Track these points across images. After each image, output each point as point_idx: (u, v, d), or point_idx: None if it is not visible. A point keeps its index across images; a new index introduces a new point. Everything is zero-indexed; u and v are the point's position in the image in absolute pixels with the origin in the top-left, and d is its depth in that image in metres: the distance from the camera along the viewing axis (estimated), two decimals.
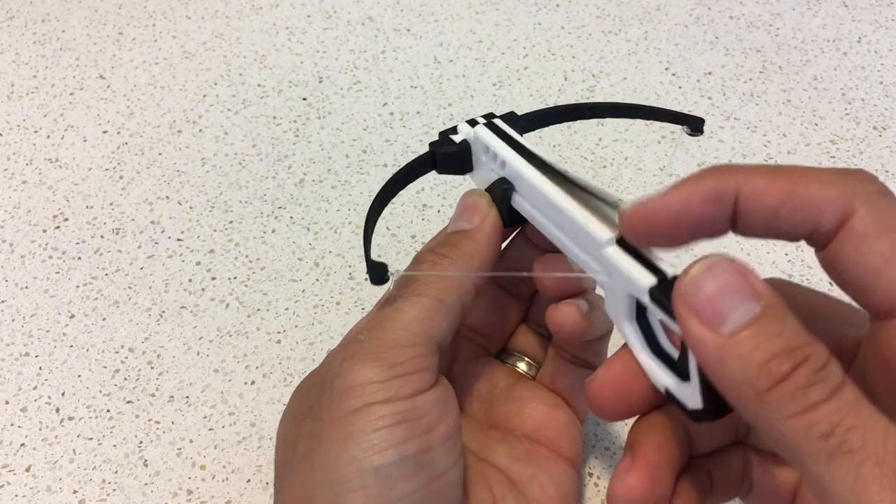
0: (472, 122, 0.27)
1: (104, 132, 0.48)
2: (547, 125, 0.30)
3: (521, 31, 0.55)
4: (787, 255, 0.41)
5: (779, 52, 0.54)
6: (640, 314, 0.23)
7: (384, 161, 0.46)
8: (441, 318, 0.24)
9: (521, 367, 0.30)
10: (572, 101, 0.50)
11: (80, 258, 0.41)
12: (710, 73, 0.52)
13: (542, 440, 0.28)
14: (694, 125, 0.29)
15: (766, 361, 0.17)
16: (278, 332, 0.38)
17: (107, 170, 0.46)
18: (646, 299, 0.21)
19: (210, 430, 0.34)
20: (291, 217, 0.43)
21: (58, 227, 0.43)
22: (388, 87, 0.50)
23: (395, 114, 0.48)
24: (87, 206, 0.44)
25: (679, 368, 0.22)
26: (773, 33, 0.55)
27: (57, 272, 0.40)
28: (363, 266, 0.40)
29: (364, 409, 0.22)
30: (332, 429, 0.22)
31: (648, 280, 0.21)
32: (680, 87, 0.51)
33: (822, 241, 0.20)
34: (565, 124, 0.48)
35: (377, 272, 0.24)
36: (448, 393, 0.24)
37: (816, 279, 0.40)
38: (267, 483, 0.33)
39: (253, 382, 0.36)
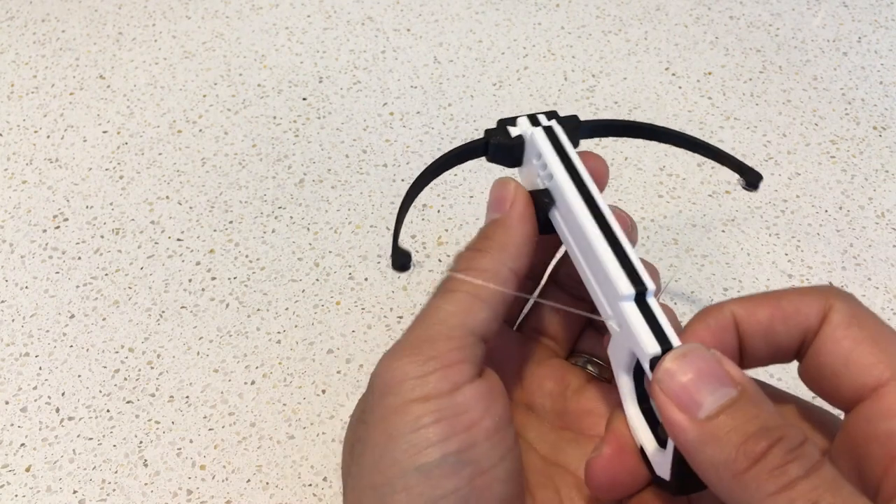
0: (533, 119, 0.27)
1: (104, 132, 0.48)
2: (608, 136, 0.30)
3: (521, 31, 0.55)
4: (786, 255, 0.41)
5: (779, 52, 0.54)
6: (639, 369, 0.23)
7: (384, 161, 0.46)
8: (478, 310, 0.23)
9: (591, 368, 0.29)
10: (573, 103, 0.50)
11: (80, 258, 0.41)
12: (710, 73, 0.52)
13: None
14: (751, 179, 0.29)
15: (742, 442, 0.18)
16: (278, 332, 0.38)
17: (107, 170, 0.46)
18: (646, 365, 0.22)
19: (210, 430, 0.34)
20: (291, 217, 0.43)
21: (58, 227, 0.43)
22: (388, 87, 0.50)
23: (395, 114, 0.48)
24: (87, 206, 0.44)
25: (660, 435, 0.22)
26: (773, 33, 0.55)
27: (57, 272, 0.40)
28: (363, 266, 0.40)
29: (402, 408, 0.21)
30: (374, 430, 0.22)
31: (653, 348, 0.21)
32: (680, 87, 0.51)
33: (809, 343, 0.22)
34: None
35: (401, 259, 0.24)
36: (493, 386, 0.23)
37: (816, 279, 0.40)
38: (267, 483, 0.33)
39: (253, 382, 0.36)
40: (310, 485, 0.33)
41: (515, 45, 0.54)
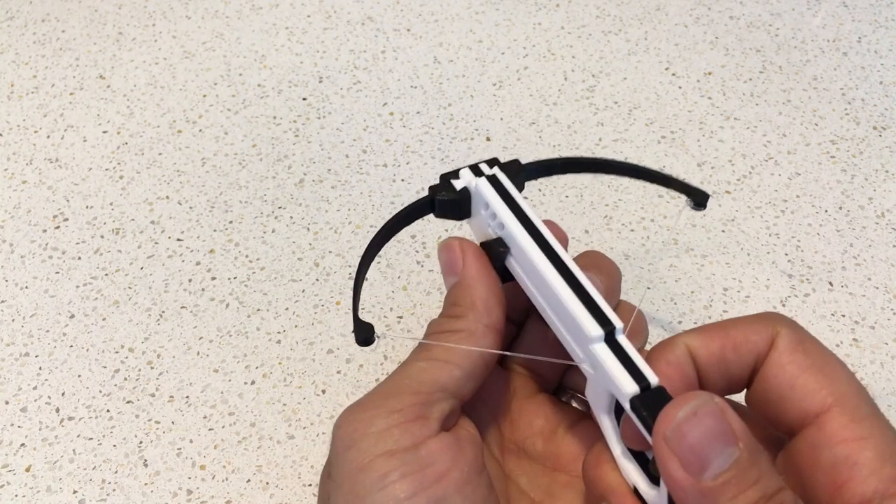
0: (475, 169, 0.27)
1: (104, 132, 0.48)
2: (552, 175, 0.29)
3: (521, 31, 0.55)
4: (786, 255, 0.41)
5: (779, 52, 0.54)
6: (619, 408, 0.23)
7: (384, 161, 0.46)
8: (451, 368, 0.23)
9: (576, 405, 0.28)
10: (572, 103, 0.50)
11: (80, 258, 0.41)
12: (710, 73, 0.52)
13: None
14: (698, 199, 0.29)
15: None
16: (278, 332, 0.38)
17: (107, 170, 0.46)
18: (626, 406, 0.21)
19: (210, 430, 0.34)
20: (291, 217, 0.43)
21: (58, 227, 0.43)
22: (388, 87, 0.50)
23: (395, 114, 0.48)
24: (87, 206, 0.44)
25: (651, 472, 0.22)
26: (773, 33, 0.55)
27: (57, 272, 0.40)
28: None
29: (367, 466, 0.21)
30: (341, 489, 0.21)
31: (631, 388, 0.21)
32: (680, 87, 0.51)
33: (758, 370, 0.22)
34: (564, 125, 0.48)
35: (363, 333, 0.23)
36: (460, 437, 0.23)
37: (816, 279, 0.40)
38: (267, 483, 0.33)
39: (253, 382, 0.36)
40: (310, 485, 0.33)
41: (515, 45, 0.54)
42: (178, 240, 0.42)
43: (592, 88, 0.51)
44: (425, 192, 0.44)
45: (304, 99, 0.50)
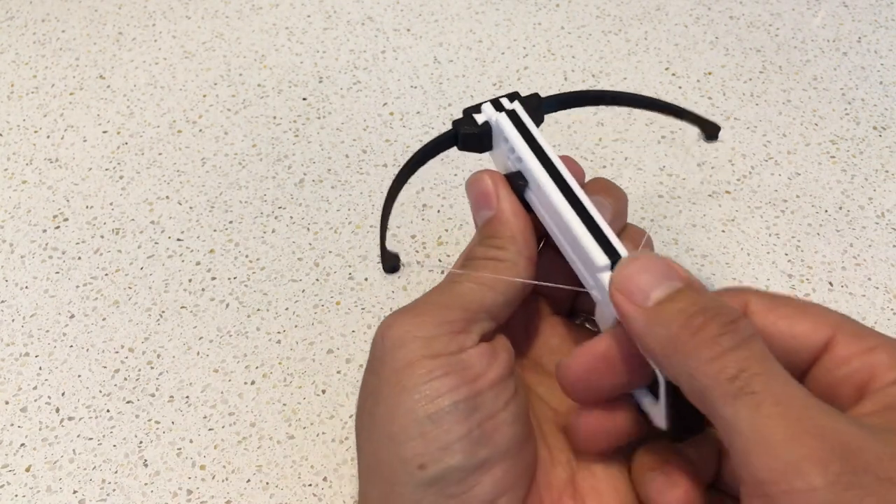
0: (496, 104, 0.28)
1: (104, 132, 0.48)
2: (570, 108, 0.31)
3: (521, 31, 0.55)
4: (786, 255, 0.41)
5: (779, 52, 0.54)
6: None
7: (384, 161, 0.46)
8: (497, 294, 0.25)
9: (589, 326, 0.30)
10: None
11: (80, 258, 0.41)
12: (710, 73, 0.52)
13: None
14: (710, 131, 0.30)
15: (684, 320, 0.20)
16: (278, 332, 0.38)
17: (107, 170, 0.46)
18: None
19: (210, 430, 0.34)
20: (291, 217, 0.43)
21: (58, 227, 0.43)
22: (388, 87, 0.50)
23: (395, 114, 0.48)
24: (87, 206, 0.44)
25: (653, 390, 0.23)
26: (773, 33, 0.55)
27: (57, 272, 0.40)
28: (363, 266, 0.40)
29: (415, 363, 0.23)
30: (387, 383, 0.23)
31: None
32: (680, 87, 0.51)
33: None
34: (564, 125, 0.48)
35: (391, 261, 0.25)
36: (496, 346, 0.25)
37: (816, 279, 0.40)
38: (267, 483, 0.33)
39: (253, 382, 0.36)
40: (310, 485, 0.33)
41: (515, 45, 0.54)
42: (178, 240, 0.42)
43: (592, 88, 0.51)
44: (425, 192, 0.44)
45: (304, 99, 0.50)
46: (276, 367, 0.36)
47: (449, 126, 0.29)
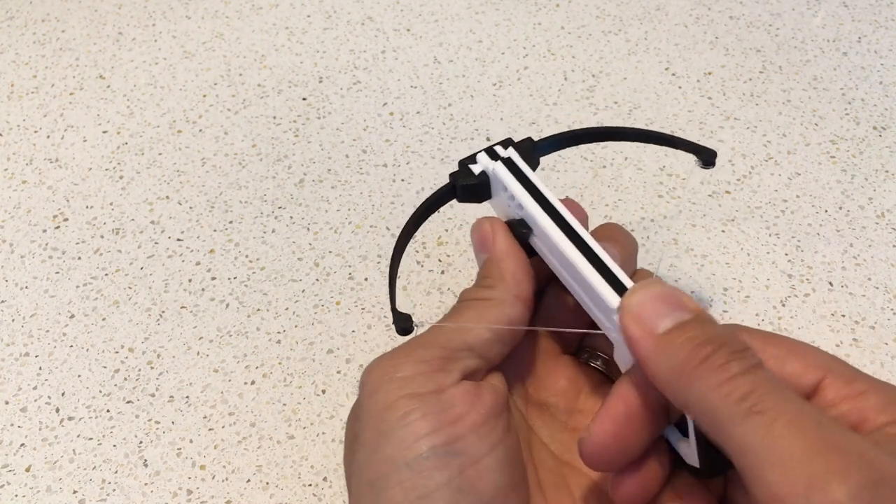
0: (491, 153, 0.28)
1: (104, 132, 0.48)
2: (564, 148, 0.31)
3: (521, 31, 0.55)
4: (786, 255, 0.41)
5: (779, 52, 0.54)
6: None
7: (384, 161, 0.46)
8: (481, 331, 0.25)
9: (596, 363, 0.30)
10: (572, 103, 0.50)
11: (80, 258, 0.41)
12: (709, 73, 0.52)
13: None
14: (706, 157, 0.30)
15: (692, 349, 0.20)
16: (278, 332, 0.38)
17: (107, 170, 0.46)
18: None
19: (210, 430, 0.34)
20: (291, 217, 0.43)
21: (58, 227, 0.43)
22: (388, 87, 0.50)
23: (395, 114, 0.48)
24: (87, 206, 0.44)
25: (680, 427, 0.23)
26: (773, 33, 0.55)
27: (57, 272, 0.40)
28: (363, 266, 0.40)
29: (392, 405, 0.23)
30: (367, 427, 0.23)
31: None
32: (680, 87, 0.51)
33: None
34: (565, 124, 0.48)
35: (402, 323, 0.25)
36: (482, 386, 0.24)
37: (816, 279, 0.40)
38: (267, 483, 0.33)
39: (253, 382, 0.36)
40: (310, 485, 0.33)
41: (515, 45, 0.54)
42: (178, 240, 0.42)
43: (592, 88, 0.51)
44: (425, 192, 0.44)
45: (304, 99, 0.50)
46: (276, 367, 0.36)
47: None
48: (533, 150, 0.28)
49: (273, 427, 0.34)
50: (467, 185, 0.28)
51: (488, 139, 0.47)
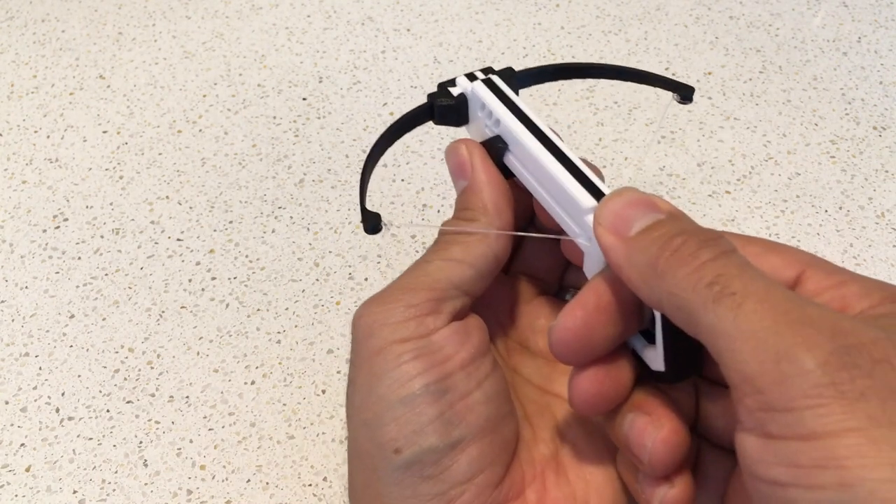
0: (471, 77, 0.28)
1: (104, 132, 0.48)
2: (543, 82, 0.31)
3: (521, 31, 0.55)
4: None
5: (779, 52, 0.54)
6: None
7: (384, 161, 0.46)
8: (464, 268, 0.25)
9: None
10: (572, 103, 0.50)
11: (80, 258, 0.41)
12: (709, 73, 0.52)
13: None
14: (684, 93, 0.30)
15: (663, 243, 0.20)
16: (278, 332, 0.38)
17: (107, 170, 0.46)
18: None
19: (210, 430, 0.34)
20: (291, 217, 0.43)
21: (58, 227, 0.43)
22: (388, 87, 0.50)
23: (395, 114, 0.48)
24: (87, 206, 0.44)
25: (648, 333, 0.23)
26: (773, 33, 0.55)
27: (57, 272, 0.40)
28: (363, 266, 0.40)
29: (384, 349, 0.23)
30: (360, 371, 0.24)
31: None
32: None
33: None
34: (565, 124, 0.48)
35: (371, 221, 0.25)
36: (469, 325, 0.25)
37: None
38: (267, 483, 0.33)
39: (253, 382, 0.36)
40: (310, 485, 0.33)
41: (515, 45, 0.54)
42: (178, 240, 0.42)
43: (592, 88, 0.51)
44: (425, 192, 0.44)
45: (304, 99, 0.50)
46: (276, 367, 0.36)
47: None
48: (512, 78, 0.28)
49: (273, 427, 0.34)
50: (445, 105, 0.28)
51: None
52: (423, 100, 0.29)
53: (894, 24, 0.56)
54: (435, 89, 0.29)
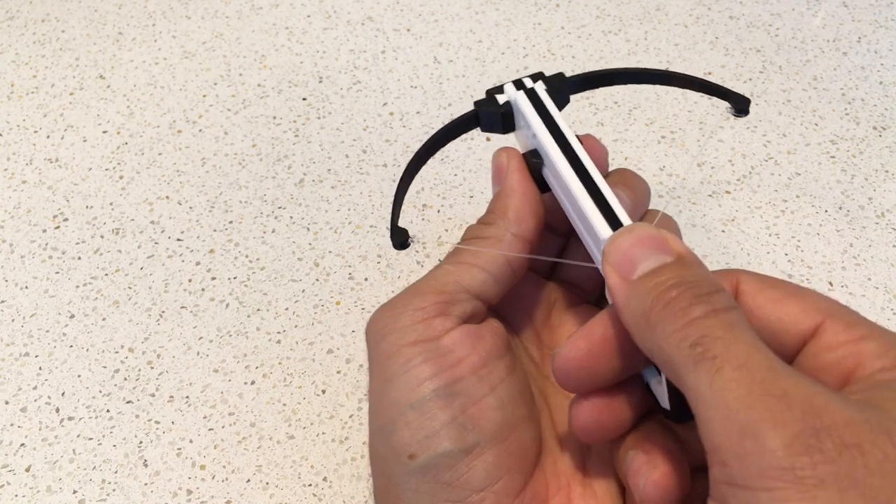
0: (519, 84, 0.28)
1: (104, 132, 0.48)
2: (594, 88, 0.30)
3: (521, 31, 0.55)
4: (786, 255, 0.41)
5: (779, 52, 0.54)
6: None
7: (384, 161, 0.46)
8: (475, 272, 0.25)
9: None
10: (572, 103, 0.50)
11: (80, 258, 0.41)
12: (709, 74, 0.52)
13: None
14: (739, 105, 0.29)
15: (659, 293, 0.19)
16: (278, 332, 0.38)
17: (107, 170, 0.46)
18: None
19: (210, 430, 0.34)
20: (291, 217, 0.43)
21: (58, 227, 0.43)
22: (388, 87, 0.50)
23: (395, 114, 0.48)
24: (87, 206, 0.44)
25: (657, 367, 0.23)
26: (773, 33, 0.55)
27: (57, 272, 0.40)
28: (363, 266, 0.40)
29: (395, 354, 0.23)
30: (374, 377, 0.24)
31: None
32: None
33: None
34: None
35: (400, 237, 0.25)
36: (482, 329, 0.25)
37: (816, 279, 0.40)
38: (267, 483, 0.33)
39: (253, 382, 0.36)
40: (310, 485, 0.33)
41: (515, 45, 0.54)
42: (178, 240, 0.42)
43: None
44: (425, 192, 0.44)
45: (304, 99, 0.50)
46: (276, 367, 0.36)
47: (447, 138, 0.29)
48: (562, 86, 0.28)
49: (273, 427, 0.34)
50: (490, 113, 0.28)
51: (488, 139, 0.47)
52: (422, 99, 0.29)
53: (894, 24, 0.56)
54: (482, 95, 0.29)
